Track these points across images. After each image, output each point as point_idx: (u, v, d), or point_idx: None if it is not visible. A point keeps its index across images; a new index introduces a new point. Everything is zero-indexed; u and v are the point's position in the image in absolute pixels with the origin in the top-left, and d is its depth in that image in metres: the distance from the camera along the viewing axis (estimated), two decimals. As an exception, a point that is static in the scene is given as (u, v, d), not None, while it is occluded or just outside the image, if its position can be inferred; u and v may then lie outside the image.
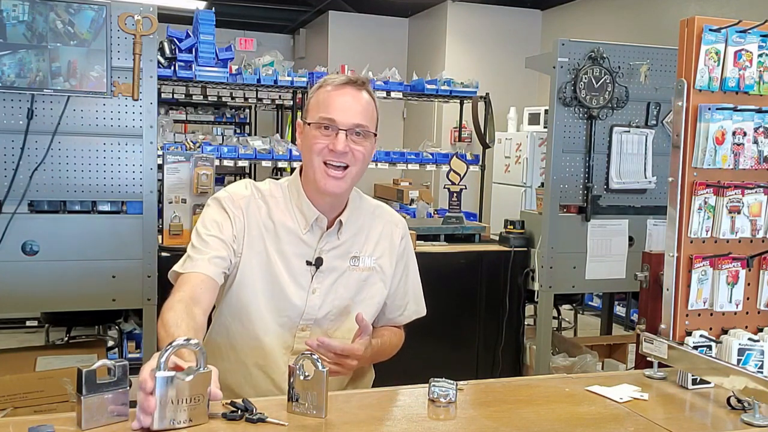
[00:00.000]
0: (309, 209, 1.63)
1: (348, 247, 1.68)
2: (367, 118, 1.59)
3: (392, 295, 1.77)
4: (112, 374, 1.25)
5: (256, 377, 1.65)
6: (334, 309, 1.68)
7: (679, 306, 1.74)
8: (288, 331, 1.65)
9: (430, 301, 1.89)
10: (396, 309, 1.80)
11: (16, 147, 2.56)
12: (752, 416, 1.44)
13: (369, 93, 1.62)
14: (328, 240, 1.66)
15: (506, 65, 7.61)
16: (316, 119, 1.57)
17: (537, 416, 1.44)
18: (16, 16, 2.49)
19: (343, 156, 1.55)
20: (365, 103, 1.59)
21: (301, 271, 1.63)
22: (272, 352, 1.64)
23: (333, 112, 1.55)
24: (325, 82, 1.61)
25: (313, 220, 1.63)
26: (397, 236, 1.76)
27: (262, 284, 1.62)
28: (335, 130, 1.55)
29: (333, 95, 1.57)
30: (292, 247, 1.63)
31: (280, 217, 1.64)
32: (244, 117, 9.04)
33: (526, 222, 3.45)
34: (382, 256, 1.73)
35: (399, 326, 1.85)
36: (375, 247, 1.72)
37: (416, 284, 1.84)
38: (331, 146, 1.54)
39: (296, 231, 1.64)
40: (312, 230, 1.64)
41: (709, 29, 1.72)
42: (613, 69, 3.17)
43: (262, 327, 1.63)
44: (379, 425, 1.38)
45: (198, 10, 4.02)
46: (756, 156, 1.78)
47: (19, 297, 2.62)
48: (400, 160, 4.84)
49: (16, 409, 2.60)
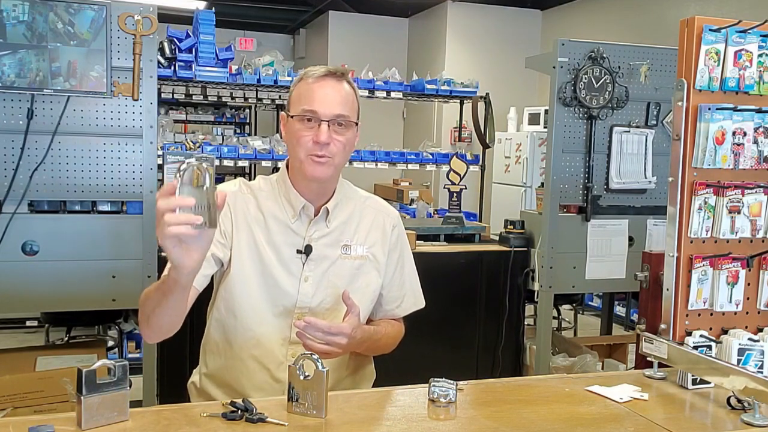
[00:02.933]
0: (296, 198, 1.66)
1: (338, 235, 1.70)
2: (347, 108, 1.61)
3: (388, 286, 1.78)
4: (112, 374, 1.25)
5: (253, 369, 1.66)
6: (328, 297, 1.68)
7: (679, 306, 1.75)
8: (284, 321, 1.66)
9: (430, 301, 1.89)
10: (393, 300, 1.80)
11: (16, 147, 2.56)
12: (752, 416, 1.44)
13: (349, 83, 1.64)
14: (317, 228, 1.68)
15: (506, 65, 7.61)
16: (298, 111, 1.60)
17: (537, 416, 1.44)
18: (16, 16, 2.49)
19: (326, 147, 1.58)
20: (345, 93, 1.62)
21: (292, 260, 1.66)
22: (268, 344, 1.65)
23: (315, 104, 1.58)
24: (305, 74, 1.63)
25: (300, 208, 1.66)
26: (389, 225, 1.78)
27: (254, 276, 1.64)
28: (318, 122, 1.58)
29: (314, 87, 1.60)
30: (281, 237, 1.66)
31: (269, 208, 1.68)
32: (244, 117, 9.04)
33: (526, 222, 3.45)
34: (375, 245, 1.75)
35: (398, 319, 1.84)
36: (366, 236, 1.74)
37: (413, 276, 1.84)
38: (314, 137, 1.57)
39: (285, 220, 1.67)
40: (300, 218, 1.67)
41: (709, 29, 1.72)
42: (613, 69, 3.17)
43: (257, 319, 1.65)
44: (379, 425, 1.38)
45: (198, 10, 4.01)
46: (756, 156, 1.78)
47: (19, 297, 2.62)
48: (400, 160, 4.83)
49: (16, 409, 2.60)
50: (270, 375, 1.65)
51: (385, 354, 1.81)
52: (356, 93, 1.66)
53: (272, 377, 1.65)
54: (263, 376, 1.65)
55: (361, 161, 4.69)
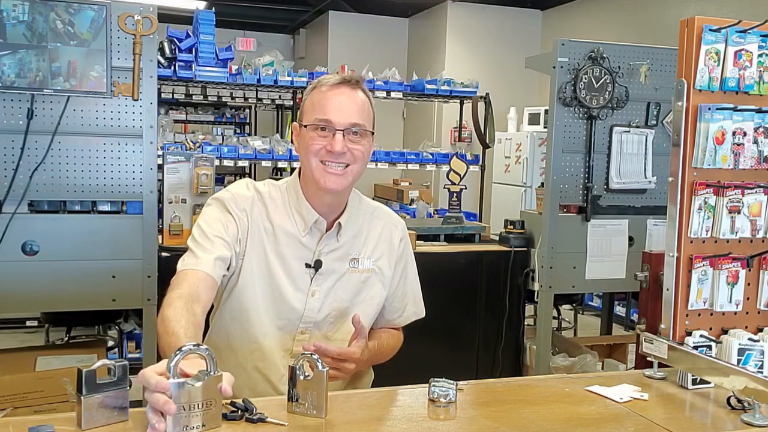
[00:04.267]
0: (308, 212, 1.62)
1: (347, 249, 1.68)
2: (363, 116, 1.57)
3: (391, 297, 1.77)
4: (112, 374, 1.25)
5: (255, 380, 1.65)
6: (333, 311, 1.67)
7: (679, 306, 1.74)
8: (287, 334, 1.65)
9: (430, 301, 1.89)
10: (395, 311, 1.80)
11: (16, 147, 2.56)
12: (752, 416, 1.44)
13: (364, 91, 1.60)
14: (328, 242, 1.65)
15: (506, 65, 7.61)
16: (312, 121, 1.56)
17: (537, 416, 1.44)
18: (16, 16, 2.49)
19: (341, 156, 1.55)
20: (361, 102, 1.58)
21: (300, 274, 1.63)
22: (271, 355, 1.64)
23: (329, 112, 1.54)
24: (319, 83, 1.60)
25: (312, 222, 1.62)
26: (397, 238, 1.76)
27: (261, 287, 1.61)
28: (332, 131, 1.54)
29: (328, 96, 1.56)
30: (290, 250, 1.62)
31: (279, 220, 1.63)
32: (244, 117, 9.04)
33: (526, 222, 3.45)
34: (381, 258, 1.73)
35: (397, 328, 1.84)
36: (374, 248, 1.72)
37: (415, 286, 1.83)
38: (329, 147, 1.54)
39: (295, 234, 1.63)
40: (311, 233, 1.64)
41: (709, 29, 1.72)
42: (613, 69, 3.17)
43: (261, 330, 1.63)
44: (379, 425, 1.38)
45: (198, 10, 4.01)
46: (756, 156, 1.78)
47: (19, 297, 2.62)
48: (400, 160, 4.84)
49: (16, 409, 2.60)
50: (272, 387, 1.64)
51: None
52: (371, 101, 1.62)
53: (274, 389, 1.64)
54: (265, 387, 1.65)
55: (361, 161, 4.68)
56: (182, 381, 1.21)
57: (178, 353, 1.21)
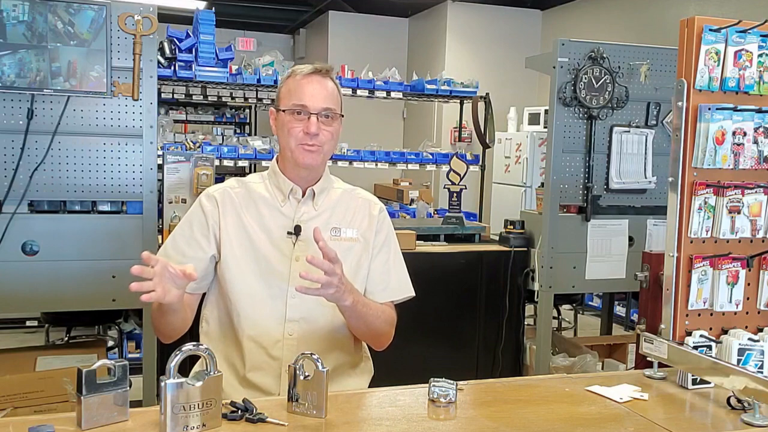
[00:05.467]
0: (284, 183, 1.78)
1: (327, 218, 1.78)
2: (333, 101, 1.75)
3: (374, 268, 1.81)
4: (112, 374, 1.25)
5: (250, 349, 1.70)
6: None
7: (679, 306, 1.75)
8: (279, 300, 1.71)
9: (431, 301, 1.89)
10: (378, 282, 1.81)
11: (16, 147, 2.56)
12: (752, 416, 1.44)
13: (332, 80, 1.78)
14: (305, 210, 1.77)
15: (506, 65, 7.61)
16: (289, 106, 1.72)
17: (537, 416, 1.44)
18: (16, 16, 2.49)
19: (315, 137, 1.71)
20: (331, 89, 1.76)
21: (283, 240, 1.74)
22: (265, 323, 1.70)
23: (304, 98, 1.71)
24: (293, 72, 1.77)
25: (288, 191, 1.77)
26: (375, 210, 1.85)
27: (246, 260, 1.72)
28: (307, 115, 1.71)
29: (302, 83, 1.73)
30: (272, 220, 1.76)
31: (259, 194, 1.79)
32: (244, 117, 9.04)
33: (526, 222, 3.45)
34: (364, 229, 1.81)
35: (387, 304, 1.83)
36: (354, 218, 1.82)
37: (399, 263, 1.86)
38: (305, 129, 1.70)
39: (275, 204, 1.78)
40: (289, 201, 1.78)
41: (709, 29, 1.72)
42: (613, 69, 3.17)
43: (252, 301, 1.71)
44: (379, 425, 1.38)
45: (198, 10, 4.01)
46: (756, 156, 1.78)
47: (19, 297, 2.62)
48: (400, 160, 4.84)
49: (16, 409, 2.60)
50: (266, 353, 1.70)
51: (384, 351, 1.81)
52: (339, 88, 1.80)
53: (269, 355, 1.70)
54: (260, 355, 1.70)
55: (361, 161, 4.69)
56: (182, 381, 1.22)
57: (178, 353, 1.22)
